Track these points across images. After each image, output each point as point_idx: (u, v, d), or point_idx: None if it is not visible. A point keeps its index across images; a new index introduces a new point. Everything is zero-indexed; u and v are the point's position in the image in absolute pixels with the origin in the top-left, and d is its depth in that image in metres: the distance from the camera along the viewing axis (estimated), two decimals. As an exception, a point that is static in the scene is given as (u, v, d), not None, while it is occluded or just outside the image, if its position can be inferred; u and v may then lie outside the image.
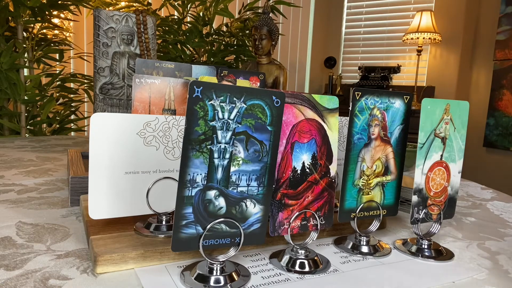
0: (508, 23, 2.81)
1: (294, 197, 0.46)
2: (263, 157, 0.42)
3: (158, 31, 2.18)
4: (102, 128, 0.46)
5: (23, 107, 1.98)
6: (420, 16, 2.99)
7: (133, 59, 0.90)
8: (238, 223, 0.41)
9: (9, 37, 1.95)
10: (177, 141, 0.51)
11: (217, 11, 2.21)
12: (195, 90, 0.37)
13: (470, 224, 0.66)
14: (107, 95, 0.88)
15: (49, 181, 0.82)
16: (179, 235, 0.39)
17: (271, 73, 1.38)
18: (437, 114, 0.53)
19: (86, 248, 0.48)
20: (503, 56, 2.84)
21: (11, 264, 0.43)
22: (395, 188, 0.55)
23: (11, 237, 0.51)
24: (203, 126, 0.38)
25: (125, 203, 0.49)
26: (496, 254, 0.54)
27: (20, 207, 0.63)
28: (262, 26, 1.36)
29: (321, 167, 0.48)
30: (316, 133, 0.47)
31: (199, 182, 0.39)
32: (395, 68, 3.25)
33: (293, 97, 0.45)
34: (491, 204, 0.81)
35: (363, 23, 3.60)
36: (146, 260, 0.44)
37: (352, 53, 3.68)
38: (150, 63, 0.69)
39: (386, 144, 0.53)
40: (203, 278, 0.40)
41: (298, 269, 0.45)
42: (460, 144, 0.57)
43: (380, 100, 0.51)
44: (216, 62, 2.25)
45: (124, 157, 0.48)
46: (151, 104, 0.59)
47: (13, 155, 1.09)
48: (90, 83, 2.16)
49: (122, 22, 0.88)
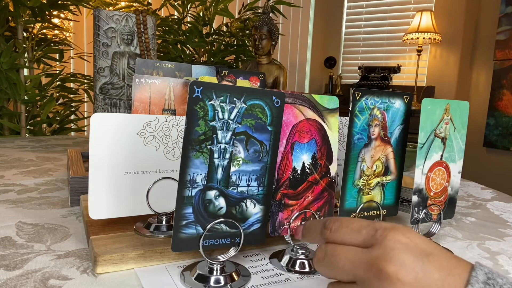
0: (508, 23, 2.81)
1: (294, 197, 0.46)
2: (263, 157, 0.42)
3: (158, 31, 2.18)
4: (102, 128, 0.46)
5: (23, 107, 1.98)
6: (420, 16, 2.99)
7: (133, 59, 0.89)
8: (238, 223, 0.41)
9: (9, 37, 1.95)
10: (177, 141, 0.51)
11: (217, 11, 2.21)
12: (195, 90, 0.37)
13: (470, 224, 0.66)
14: (107, 95, 0.88)
15: (49, 181, 0.82)
16: (179, 235, 0.39)
17: (271, 73, 1.38)
18: (437, 114, 0.53)
19: (86, 248, 0.48)
20: (503, 56, 2.84)
21: (11, 264, 0.43)
22: (395, 188, 0.55)
23: (11, 237, 0.51)
24: (203, 126, 0.38)
25: (125, 203, 0.49)
26: (496, 254, 0.54)
27: (20, 207, 0.63)
28: (262, 26, 1.36)
29: (321, 167, 0.48)
30: (316, 133, 0.47)
31: (199, 182, 0.39)
32: (395, 68, 3.25)
33: (293, 97, 0.45)
34: (491, 204, 0.81)
35: (363, 23, 3.60)
36: (146, 260, 0.44)
37: (352, 53, 3.68)
38: (150, 63, 0.69)
39: (386, 144, 0.53)
40: (203, 278, 0.40)
41: (298, 269, 0.45)
42: (460, 144, 0.57)
43: (380, 100, 0.51)
44: (216, 62, 2.25)
45: (124, 157, 0.48)
46: (151, 104, 0.59)
47: (13, 155, 1.09)
48: (90, 83, 2.16)
49: (122, 22, 0.88)
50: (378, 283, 0.27)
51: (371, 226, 0.30)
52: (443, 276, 0.27)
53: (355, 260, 0.29)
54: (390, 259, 0.27)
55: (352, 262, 0.29)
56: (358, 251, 0.30)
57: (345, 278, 0.30)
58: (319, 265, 0.32)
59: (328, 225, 0.33)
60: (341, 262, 0.30)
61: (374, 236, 0.29)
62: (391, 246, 0.28)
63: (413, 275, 0.26)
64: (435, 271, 0.27)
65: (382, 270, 0.27)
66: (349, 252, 0.30)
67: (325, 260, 0.31)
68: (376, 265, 0.27)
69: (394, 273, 0.27)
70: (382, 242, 0.29)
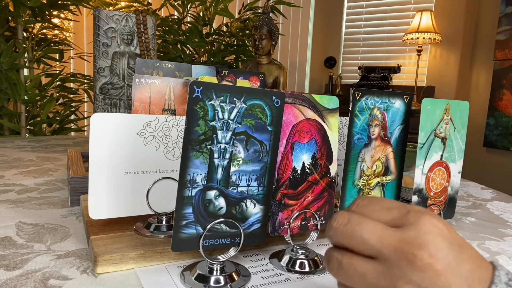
0: (508, 23, 2.81)
1: (294, 197, 0.46)
2: (263, 157, 0.42)
3: (158, 31, 2.18)
4: (102, 128, 0.46)
5: (23, 107, 1.98)
6: (420, 16, 2.99)
7: (133, 59, 0.90)
8: (238, 223, 0.41)
9: (9, 37, 1.95)
10: (177, 141, 0.51)
11: (217, 11, 2.21)
12: (195, 90, 0.37)
13: (470, 224, 0.66)
14: (107, 95, 0.88)
15: (49, 181, 0.82)
16: (179, 235, 0.39)
17: (271, 73, 1.38)
18: (437, 114, 0.53)
19: (86, 248, 0.48)
20: (503, 56, 2.84)
21: (11, 264, 0.43)
22: (395, 188, 0.55)
23: (11, 237, 0.51)
24: (203, 126, 0.38)
25: (125, 203, 0.49)
26: (496, 254, 0.54)
27: (20, 207, 0.63)
28: (262, 26, 1.36)
29: (321, 167, 0.48)
30: (316, 133, 0.47)
31: (199, 182, 0.39)
32: (395, 68, 3.25)
33: (293, 97, 0.45)
34: (491, 204, 0.81)
35: (363, 23, 3.60)
36: (146, 260, 0.44)
37: (352, 53, 3.68)
38: (150, 63, 0.69)
39: (386, 144, 0.53)
40: (203, 278, 0.40)
41: (298, 269, 0.45)
42: (460, 144, 0.57)
43: (380, 100, 0.51)
44: (216, 62, 2.25)
45: (124, 157, 0.48)
46: (151, 104, 0.59)
47: (13, 155, 1.09)
48: (90, 83, 2.16)
49: (122, 22, 0.88)
50: (408, 266, 0.26)
51: (404, 207, 0.29)
52: (474, 268, 0.26)
53: (384, 236, 0.27)
54: (425, 242, 0.26)
55: (380, 237, 0.27)
56: (388, 229, 0.28)
57: (366, 251, 0.28)
58: (338, 231, 0.29)
59: (356, 201, 0.31)
60: (367, 234, 0.28)
61: (406, 216, 0.28)
62: (425, 229, 0.26)
63: (446, 262, 0.25)
64: (467, 262, 0.26)
65: (414, 254, 0.25)
66: (377, 226, 0.28)
67: (348, 227, 0.28)
68: (408, 247, 0.26)
69: (427, 258, 0.25)
70: (415, 223, 0.27)
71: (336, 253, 0.30)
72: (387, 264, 0.27)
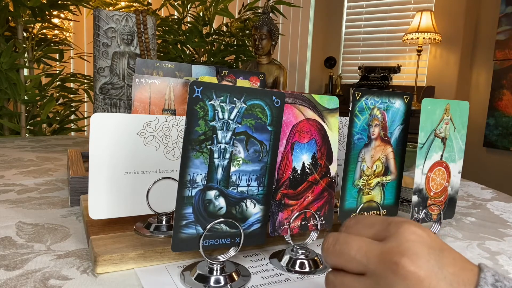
0: (508, 23, 2.81)
1: (294, 197, 0.46)
2: (263, 157, 0.42)
3: (158, 31, 2.18)
4: (102, 128, 0.46)
5: (23, 107, 1.98)
6: (420, 16, 2.99)
7: (133, 59, 0.90)
8: (238, 223, 0.41)
9: (9, 37, 1.95)
10: (177, 141, 0.51)
11: (217, 11, 2.21)
12: (195, 90, 0.37)
13: (470, 224, 0.66)
14: (107, 95, 0.88)
15: (49, 181, 0.82)
16: (179, 235, 0.39)
17: (271, 73, 1.38)
18: (437, 114, 0.53)
19: (86, 248, 0.48)
20: (503, 56, 2.84)
21: (11, 264, 0.43)
22: (395, 188, 0.55)
23: (11, 237, 0.51)
24: (203, 126, 0.38)
25: (125, 203, 0.49)
26: (496, 254, 0.54)
27: (20, 207, 0.63)
28: (262, 26, 1.36)
29: (321, 167, 0.48)
30: (316, 133, 0.47)
31: (199, 182, 0.39)
32: (395, 68, 3.25)
33: (293, 97, 0.45)
34: (491, 204, 0.81)
35: (363, 23, 3.60)
36: (146, 260, 0.44)
37: (352, 53, 3.68)
38: (150, 63, 0.69)
39: (386, 144, 0.53)
40: (203, 278, 0.40)
41: (298, 269, 0.45)
42: (460, 144, 0.57)
43: (380, 100, 0.51)
44: (216, 62, 2.25)
45: (124, 157, 0.48)
46: (151, 104, 0.59)
47: (13, 155, 1.09)
48: (90, 83, 2.16)
49: (122, 22, 0.88)
50: (392, 276, 0.26)
51: (385, 220, 0.30)
52: (457, 271, 0.26)
53: (369, 250, 0.28)
54: (405, 250, 0.26)
55: (365, 252, 0.28)
56: (372, 242, 0.29)
57: (355, 268, 0.29)
58: (328, 251, 0.30)
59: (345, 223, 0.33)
60: (353, 251, 0.29)
61: (387, 228, 0.29)
62: (405, 237, 0.27)
63: (427, 267, 0.26)
64: (450, 265, 0.26)
65: (396, 262, 0.26)
66: (362, 242, 0.29)
67: (336, 247, 0.30)
68: (390, 256, 0.27)
69: (409, 265, 0.26)
70: (395, 233, 0.28)
71: (331, 275, 0.31)
72: (375, 278, 0.27)
